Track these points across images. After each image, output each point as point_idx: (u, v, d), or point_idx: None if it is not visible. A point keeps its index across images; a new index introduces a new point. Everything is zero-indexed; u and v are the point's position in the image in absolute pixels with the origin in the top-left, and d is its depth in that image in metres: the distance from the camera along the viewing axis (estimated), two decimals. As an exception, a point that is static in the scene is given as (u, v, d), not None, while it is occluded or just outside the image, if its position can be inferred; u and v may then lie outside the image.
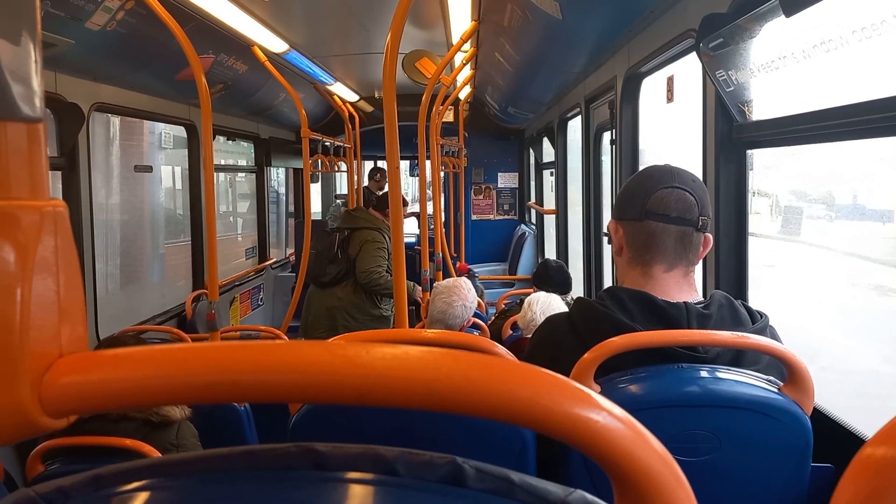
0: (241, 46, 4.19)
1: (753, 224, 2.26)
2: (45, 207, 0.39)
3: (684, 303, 1.31)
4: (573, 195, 5.33)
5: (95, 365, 0.39)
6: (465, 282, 2.87)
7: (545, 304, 2.87)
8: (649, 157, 3.43)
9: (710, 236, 1.40)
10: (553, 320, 1.45)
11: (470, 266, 6.42)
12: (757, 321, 1.34)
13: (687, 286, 1.38)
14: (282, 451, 0.46)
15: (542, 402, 0.38)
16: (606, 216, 4.13)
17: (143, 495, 0.45)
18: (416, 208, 6.00)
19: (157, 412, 1.86)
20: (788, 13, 1.60)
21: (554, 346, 1.38)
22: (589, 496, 0.45)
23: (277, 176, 8.36)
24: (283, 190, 8.56)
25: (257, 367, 0.38)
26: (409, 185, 14.41)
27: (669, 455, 0.40)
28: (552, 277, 3.66)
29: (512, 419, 0.38)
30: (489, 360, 0.39)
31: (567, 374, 1.19)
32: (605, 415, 0.38)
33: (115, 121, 5.54)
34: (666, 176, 1.38)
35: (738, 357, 1.29)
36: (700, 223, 1.36)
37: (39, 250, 0.39)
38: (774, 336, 1.38)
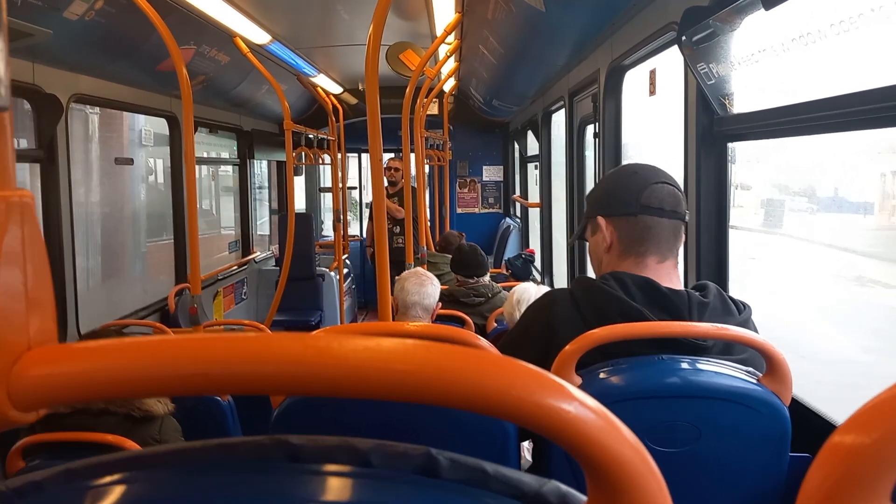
0: (223, 37, 4.15)
1: (736, 217, 2.28)
2: (11, 197, 0.39)
3: (686, 291, 1.34)
4: (557, 188, 5.35)
5: (65, 357, 0.39)
6: (421, 269, 2.97)
7: (530, 295, 2.88)
8: (632, 150, 3.45)
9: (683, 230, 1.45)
10: (555, 295, 1.44)
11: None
12: (742, 312, 1.37)
13: (676, 276, 1.42)
14: (256, 444, 0.46)
15: (514, 392, 0.38)
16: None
17: (117, 488, 0.44)
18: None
19: (139, 407, 1.85)
20: (767, 6, 1.61)
21: (552, 324, 1.37)
22: (563, 486, 0.45)
23: (260, 170, 8.29)
24: (265, 185, 8.50)
25: (228, 358, 0.38)
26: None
27: (641, 444, 0.40)
28: (467, 261, 3.69)
29: (484, 409, 0.38)
30: (462, 350, 0.39)
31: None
32: (577, 405, 0.38)
33: (95, 118, 5.48)
34: (651, 172, 1.42)
35: (729, 344, 1.32)
36: (686, 217, 1.43)
37: (6, 241, 0.38)
38: (753, 326, 1.41)
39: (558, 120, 5.20)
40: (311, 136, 6.26)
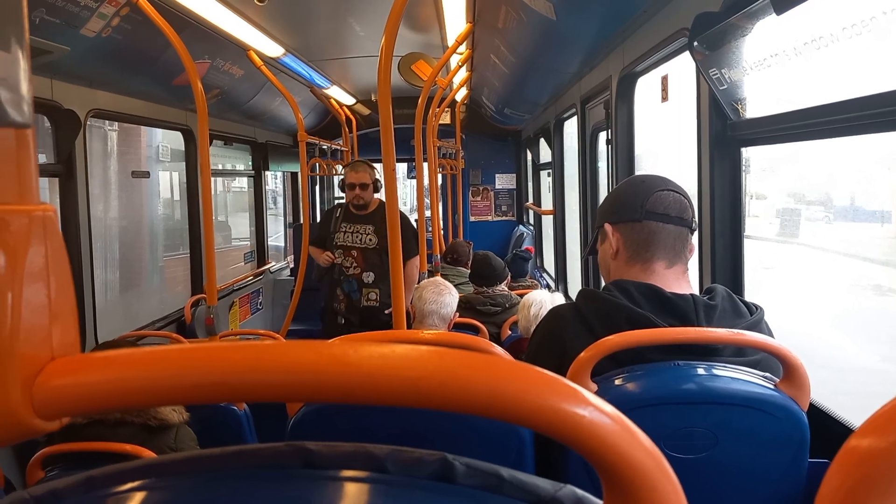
0: (236, 51, 4.20)
1: (751, 227, 2.27)
2: (34, 212, 0.39)
3: (691, 294, 1.34)
4: (570, 195, 5.34)
5: (87, 367, 0.40)
6: (440, 278, 2.97)
7: (547, 308, 2.86)
8: (646, 157, 3.44)
9: (695, 243, 1.46)
10: (560, 312, 1.46)
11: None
12: (754, 313, 1.37)
13: (685, 282, 1.42)
14: (273, 451, 0.46)
15: (529, 397, 0.38)
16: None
17: (136, 496, 0.45)
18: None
19: (155, 416, 1.86)
20: (779, 11, 1.60)
21: (561, 340, 1.38)
22: (579, 491, 0.45)
23: (275, 184, 8.34)
24: (280, 197, 8.54)
25: (245, 367, 0.38)
26: (406, 189, 14.41)
27: (657, 449, 0.40)
28: (479, 271, 3.67)
29: (499, 415, 0.38)
30: (476, 357, 0.39)
31: None
32: (592, 409, 0.38)
33: (114, 135, 5.56)
34: (658, 181, 1.44)
35: (741, 347, 1.31)
36: (693, 225, 1.43)
37: (29, 254, 0.39)
38: (768, 328, 1.40)
39: (570, 127, 5.20)
40: (324, 146, 6.29)
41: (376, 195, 4.16)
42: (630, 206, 1.42)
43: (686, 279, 1.43)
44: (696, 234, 1.47)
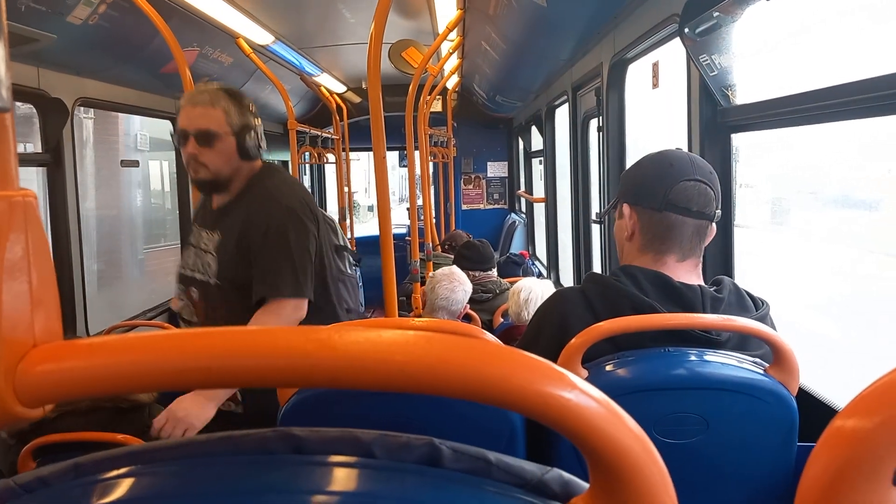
0: (226, 39, 4.16)
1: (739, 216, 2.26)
2: (14, 197, 0.39)
3: (699, 285, 1.34)
4: (562, 183, 5.34)
5: (70, 353, 0.39)
6: (457, 270, 2.95)
7: (537, 295, 2.87)
8: (636, 144, 3.44)
9: (715, 225, 1.42)
10: (565, 294, 1.43)
11: None
12: (760, 308, 1.37)
13: (695, 275, 1.40)
14: (260, 436, 0.46)
15: (515, 381, 0.38)
16: (594, 203, 4.14)
17: (123, 482, 0.45)
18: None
19: (126, 397, 1.86)
20: (769, -4, 1.60)
21: (564, 321, 1.36)
22: (565, 474, 0.45)
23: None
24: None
25: (231, 352, 0.38)
26: (398, 177, 14.37)
27: (643, 432, 0.40)
28: (481, 254, 3.71)
29: (486, 399, 0.38)
30: (463, 341, 0.39)
31: None
32: (578, 393, 0.39)
33: (89, 123, 5.52)
34: (686, 166, 1.37)
35: (744, 340, 1.31)
36: (715, 216, 1.39)
37: (10, 240, 0.38)
38: (771, 324, 1.39)
39: (562, 115, 5.20)
40: (315, 135, 6.26)
41: (247, 160, 2.08)
42: (653, 192, 1.37)
43: (697, 272, 1.41)
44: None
